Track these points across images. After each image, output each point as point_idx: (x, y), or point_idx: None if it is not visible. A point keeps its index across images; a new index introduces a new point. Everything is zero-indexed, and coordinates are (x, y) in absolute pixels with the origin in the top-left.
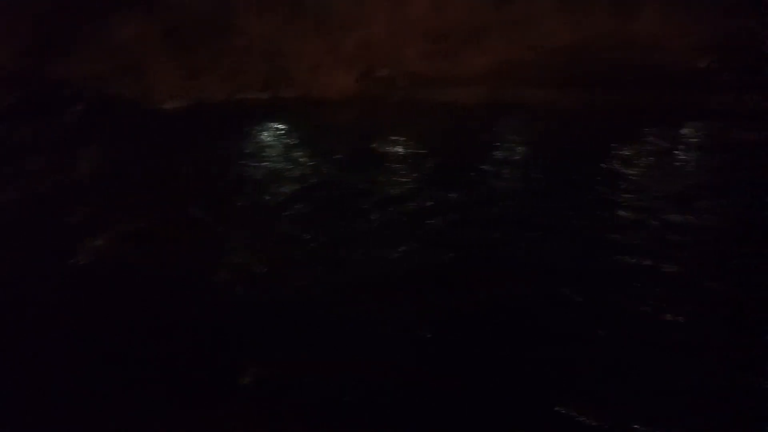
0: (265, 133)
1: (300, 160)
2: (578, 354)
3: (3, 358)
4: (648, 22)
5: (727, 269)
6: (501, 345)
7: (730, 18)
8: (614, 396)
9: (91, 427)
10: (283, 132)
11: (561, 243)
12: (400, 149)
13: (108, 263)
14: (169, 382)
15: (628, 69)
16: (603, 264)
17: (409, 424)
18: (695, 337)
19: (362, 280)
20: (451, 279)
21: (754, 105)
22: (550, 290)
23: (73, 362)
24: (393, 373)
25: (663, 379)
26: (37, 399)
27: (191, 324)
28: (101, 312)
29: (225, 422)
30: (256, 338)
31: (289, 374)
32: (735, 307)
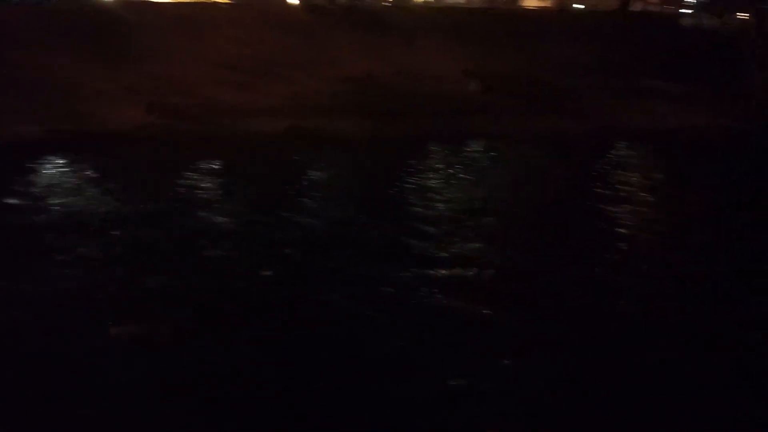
0: (48, 171)
1: (95, 196)
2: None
3: None
4: (426, 54)
5: (534, 267)
6: (336, 366)
7: (498, 50)
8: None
9: None
10: (68, 169)
11: (377, 260)
12: (199, 179)
13: None
14: None
15: (411, 97)
16: (422, 277)
17: None
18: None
19: (202, 312)
20: (284, 304)
21: (524, 127)
22: (376, 308)
23: None
24: (236, 399)
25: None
26: None
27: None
28: None
29: None
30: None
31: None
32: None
